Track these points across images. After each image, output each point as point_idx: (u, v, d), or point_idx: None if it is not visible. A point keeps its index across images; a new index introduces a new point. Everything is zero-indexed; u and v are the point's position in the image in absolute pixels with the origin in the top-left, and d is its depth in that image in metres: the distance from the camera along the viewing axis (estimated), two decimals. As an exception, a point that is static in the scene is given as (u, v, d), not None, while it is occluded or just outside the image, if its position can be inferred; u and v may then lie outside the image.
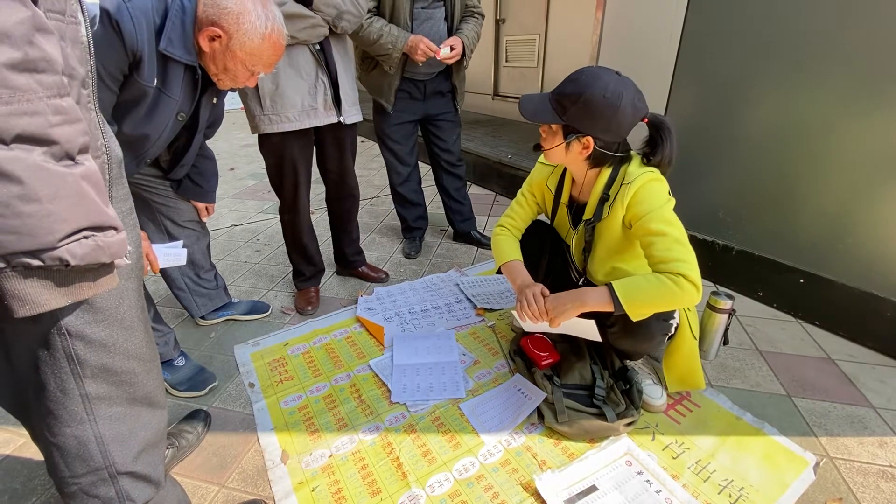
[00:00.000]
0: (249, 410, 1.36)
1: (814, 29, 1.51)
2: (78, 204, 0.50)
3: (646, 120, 1.14)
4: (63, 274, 0.52)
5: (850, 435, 1.24)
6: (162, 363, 1.41)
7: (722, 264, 1.93)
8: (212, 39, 1.04)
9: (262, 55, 1.08)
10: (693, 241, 1.97)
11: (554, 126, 1.15)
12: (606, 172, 1.19)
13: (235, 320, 1.78)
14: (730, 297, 1.43)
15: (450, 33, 1.90)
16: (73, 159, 0.50)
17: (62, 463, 0.73)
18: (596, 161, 1.18)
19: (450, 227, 2.47)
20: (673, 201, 1.13)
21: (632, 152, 1.21)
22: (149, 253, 1.24)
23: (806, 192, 1.64)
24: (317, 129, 1.65)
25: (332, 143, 1.72)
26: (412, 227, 2.32)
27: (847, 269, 1.58)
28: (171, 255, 1.34)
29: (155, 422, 0.81)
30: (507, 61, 4.47)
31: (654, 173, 1.14)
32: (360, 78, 2.01)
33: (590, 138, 1.12)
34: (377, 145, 2.20)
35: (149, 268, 1.25)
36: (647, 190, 1.11)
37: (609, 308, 1.09)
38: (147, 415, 0.79)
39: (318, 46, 1.52)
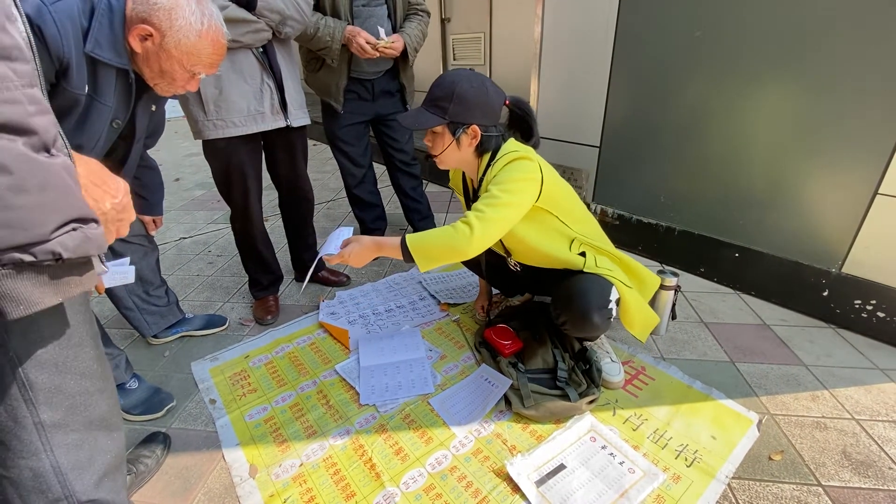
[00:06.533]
0: (212, 428, 1.31)
1: (736, 26, 1.63)
2: (65, 195, 0.48)
3: (507, 102, 1.26)
4: (53, 269, 0.50)
5: (786, 392, 1.36)
6: (112, 387, 1.34)
7: (666, 244, 2.05)
8: (143, 39, 0.98)
9: (200, 54, 1.03)
10: (639, 224, 2.11)
11: (438, 128, 1.23)
12: (486, 157, 1.28)
13: (191, 336, 1.70)
14: (675, 274, 1.52)
15: (394, 31, 1.90)
16: (48, 151, 0.48)
17: (17, 497, 0.68)
18: (483, 147, 1.27)
19: (409, 226, 2.47)
20: (535, 181, 1.20)
21: (507, 134, 1.31)
22: None
23: (737, 174, 1.77)
24: (265, 134, 1.61)
25: (281, 148, 1.68)
26: (371, 228, 2.31)
27: (775, 241, 1.73)
28: (118, 273, 1.27)
29: (114, 445, 0.77)
30: (454, 60, 4.51)
31: (522, 152, 1.22)
32: (307, 79, 1.97)
33: (475, 126, 1.22)
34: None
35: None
36: (511, 165, 1.20)
37: (400, 256, 1.18)
38: (105, 439, 0.75)
39: (261, 49, 1.49)
